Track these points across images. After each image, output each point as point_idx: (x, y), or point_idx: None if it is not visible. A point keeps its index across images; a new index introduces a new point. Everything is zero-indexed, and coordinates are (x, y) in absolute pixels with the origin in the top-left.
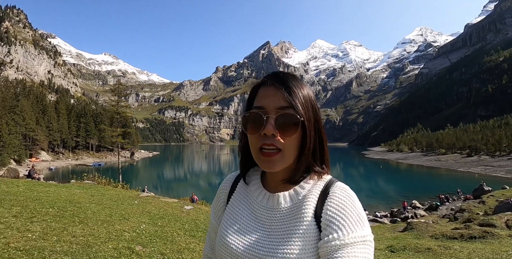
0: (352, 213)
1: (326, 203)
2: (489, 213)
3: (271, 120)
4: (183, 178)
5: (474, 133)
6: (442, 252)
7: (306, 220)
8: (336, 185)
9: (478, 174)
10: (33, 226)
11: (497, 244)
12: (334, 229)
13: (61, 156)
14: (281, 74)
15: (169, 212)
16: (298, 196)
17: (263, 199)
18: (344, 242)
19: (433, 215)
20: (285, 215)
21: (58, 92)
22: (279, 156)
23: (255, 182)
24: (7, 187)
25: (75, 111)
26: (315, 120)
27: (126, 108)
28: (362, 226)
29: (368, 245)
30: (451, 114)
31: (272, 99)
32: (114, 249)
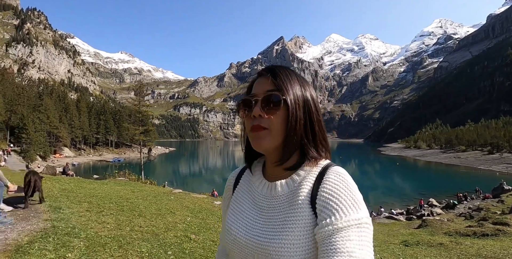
0: (346, 197)
1: (320, 188)
2: (506, 212)
3: (259, 102)
4: (200, 174)
5: (496, 129)
6: (453, 247)
7: (302, 206)
8: (330, 169)
9: (499, 172)
10: (106, 218)
11: (508, 241)
12: (328, 214)
13: (83, 152)
14: (272, 66)
15: (203, 206)
16: (294, 183)
17: (263, 188)
18: (337, 226)
19: (449, 213)
20: (282, 202)
21: (77, 91)
22: (266, 132)
23: (257, 172)
24: (60, 185)
25: (95, 109)
26: (304, 101)
27: (147, 107)
28: (356, 209)
29: (363, 227)
30: (472, 109)
31: (261, 86)
32: (175, 237)
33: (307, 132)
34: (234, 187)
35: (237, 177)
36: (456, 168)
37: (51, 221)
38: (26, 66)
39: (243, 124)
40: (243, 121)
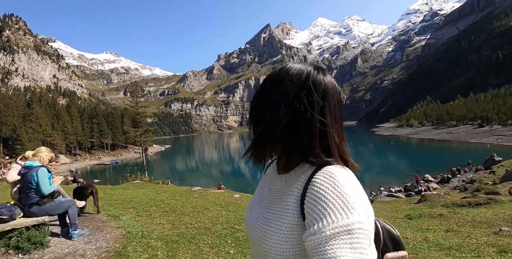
0: (333, 200)
1: (308, 190)
2: (497, 183)
3: None
4: (200, 169)
5: (485, 102)
6: (451, 217)
7: (288, 204)
8: (322, 170)
9: (490, 144)
10: (158, 220)
11: (499, 208)
12: (315, 218)
13: (79, 157)
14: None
15: (227, 201)
16: (291, 179)
17: (271, 180)
18: (325, 234)
19: (445, 187)
20: (277, 196)
21: (65, 96)
22: None
23: (275, 165)
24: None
25: (86, 113)
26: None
27: (145, 108)
28: (346, 214)
29: (356, 233)
30: (461, 84)
31: None
32: (223, 228)
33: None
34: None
35: (268, 165)
36: (449, 143)
37: (122, 228)
38: (10, 75)
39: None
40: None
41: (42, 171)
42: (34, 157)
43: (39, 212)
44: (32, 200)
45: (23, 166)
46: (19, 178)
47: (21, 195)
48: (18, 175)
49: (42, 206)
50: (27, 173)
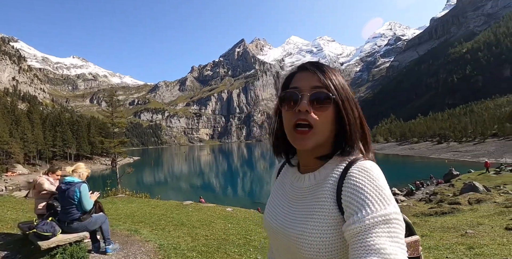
0: (371, 192)
1: (344, 183)
2: (457, 194)
3: (305, 98)
4: (173, 182)
5: (442, 121)
6: (423, 224)
7: (324, 200)
8: (356, 164)
9: (447, 159)
10: (175, 233)
11: (461, 216)
12: (354, 210)
13: (39, 168)
14: (313, 62)
15: (222, 214)
16: (320, 176)
17: (294, 179)
18: (364, 223)
19: (411, 199)
20: (307, 194)
21: (25, 100)
22: (311, 133)
23: (294, 164)
24: None
25: (49, 120)
26: (348, 100)
27: (120, 118)
28: (384, 205)
29: (393, 223)
30: (421, 104)
31: (307, 81)
32: (238, 239)
33: (352, 129)
34: (277, 176)
35: (279, 168)
36: (411, 158)
37: (151, 242)
38: None
39: (276, 118)
40: (276, 115)
41: (84, 187)
42: (73, 173)
43: (80, 227)
44: (73, 216)
45: (64, 182)
46: (52, 189)
47: (51, 210)
48: (59, 190)
49: (82, 221)
50: (68, 189)
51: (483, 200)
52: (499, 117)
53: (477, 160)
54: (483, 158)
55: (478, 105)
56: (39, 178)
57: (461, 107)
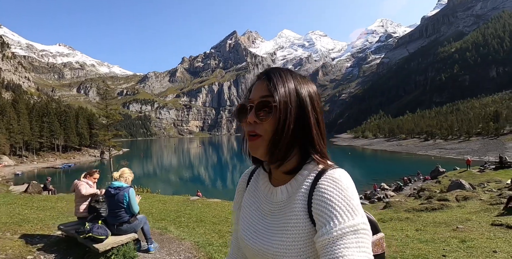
0: (340, 203)
1: (314, 195)
2: (444, 191)
3: (253, 109)
4: (164, 175)
5: (430, 118)
6: (416, 219)
7: (297, 212)
8: (325, 175)
9: (434, 156)
10: (200, 230)
11: (450, 212)
12: (323, 222)
13: (25, 160)
14: (269, 69)
15: (231, 209)
16: (292, 189)
17: (267, 192)
18: (333, 234)
19: (400, 195)
20: (281, 208)
21: (9, 89)
22: (260, 141)
23: (264, 176)
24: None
25: (36, 110)
26: (298, 105)
27: (115, 111)
28: (352, 215)
29: (361, 233)
30: (409, 101)
31: (257, 91)
32: None
33: (301, 136)
34: (245, 190)
35: (249, 175)
36: (399, 154)
37: (186, 240)
38: None
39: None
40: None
41: (132, 192)
42: (120, 178)
43: (129, 229)
44: (123, 219)
45: (112, 187)
46: (91, 193)
47: (94, 213)
48: (107, 195)
49: (131, 223)
50: (118, 193)
51: (470, 198)
52: (484, 116)
53: (461, 157)
54: (468, 155)
55: (464, 104)
56: (78, 182)
57: (448, 105)
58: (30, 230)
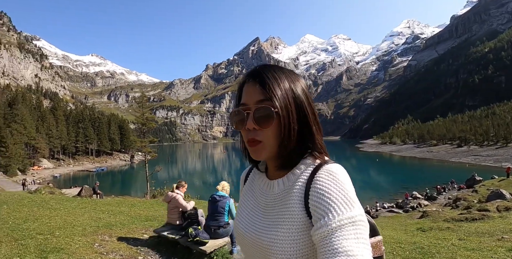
0: (337, 196)
1: (311, 188)
2: (482, 201)
3: (251, 115)
4: (192, 179)
5: (462, 123)
6: (458, 229)
7: (293, 205)
8: (322, 168)
9: (468, 163)
10: None
11: (492, 222)
12: (321, 214)
13: (62, 163)
14: (259, 69)
15: None
16: (289, 182)
17: (263, 185)
18: (332, 226)
19: (434, 204)
20: (277, 200)
21: (47, 97)
22: (261, 147)
23: (261, 171)
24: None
25: (72, 117)
26: (297, 106)
27: (152, 119)
28: (349, 207)
29: (358, 225)
30: (439, 105)
31: (251, 95)
32: None
33: (304, 136)
34: (244, 183)
35: (246, 175)
36: (429, 161)
37: None
38: None
39: (240, 134)
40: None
41: (232, 201)
42: (222, 189)
43: (224, 233)
44: (220, 223)
45: (217, 194)
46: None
47: (188, 220)
48: (212, 200)
49: (225, 228)
50: (221, 200)
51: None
52: None
53: (499, 165)
54: (507, 163)
55: (500, 107)
56: (176, 195)
57: (483, 109)
58: (121, 233)
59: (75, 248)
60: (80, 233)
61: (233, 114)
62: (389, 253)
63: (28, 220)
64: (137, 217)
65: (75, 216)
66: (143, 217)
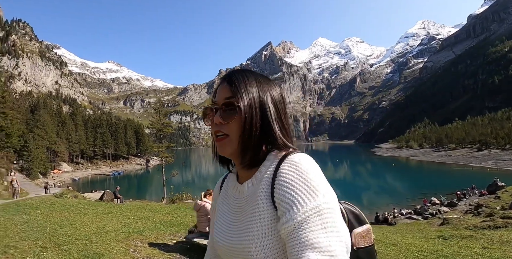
0: (299, 186)
1: (275, 181)
2: (505, 208)
3: (219, 111)
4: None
5: (482, 126)
6: (480, 237)
7: (261, 202)
8: (286, 160)
9: (489, 168)
10: None
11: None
12: (285, 207)
13: (81, 166)
14: (230, 71)
15: None
16: (257, 181)
17: (235, 190)
18: (297, 219)
19: (455, 211)
20: (248, 202)
21: (66, 102)
22: (227, 140)
23: (233, 176)
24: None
25: (91, 122)
26: (260, 103)
27: (168, 125)
28: (313, 197)
29: (325, 213)
30: (458, 107)
31: (221, 93)
32: None
33: (265, 132)
34: (219, 192)
35: (221, 182)
36: (448, 165)
37: None
38: (12, 78)
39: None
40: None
41: None
42: None
43: None
44: None
45: None
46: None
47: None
48: None
49: None
50: None
51: None
52: None
53: None
54: None
55: None
56: (205, 203)
57: (504, 111)
58: (151, 239)
59: (113, 254)
60: (114, 239)
61: (203, 111)
62: None
63: (63, 225)
64: (163, 222)
65: (105, 222)
66: (168, 222)
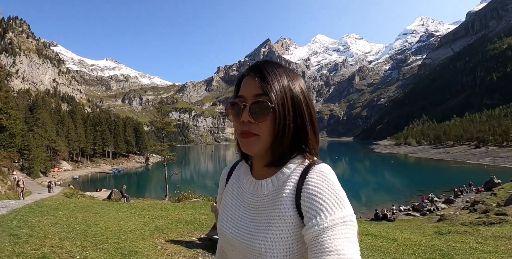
0: (329, 196)
1: (303, 188)
2: (501, 204)
3: (247, 108)
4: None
5: (480, 123)
6: (475, 233)
7: (284, 206)
8: (314, 168)
9: (487, 165)
10: None
11: (510, 227)
12: (313, 214)
13: (81, 165)
14: (260, 64)
15: None
16: (278, 181)
17: (250, 185)
18: (323, 226)
19: (452, 207)
20: (267, 201)
21: (64, 100)
22: (255, 138)
23: (246, 170)
24: (188, 214)
25: (90, 120)
26: (294, 103)
27: (169, 123)
28: (341, 208)
29: (349, 225)
30: (456, 104)
31: (249, 88)
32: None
33: (298, 134)
34: (227, 182)
35: (229, 172)
36: (446, 163)
37: None
38: (10, 76)
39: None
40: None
41: None
42: None
43: None
44: None
45: None
46: None
47: None
48: None
49: None
50: None
51: None
52: None
53: None
54: None
55: None
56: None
57: (501, 108)
58: (172, 237)
59: (146, 251)
60: (140, 237)
61: (229, 106)
62: (411, 255)
63: (89, 225)
64: (177, 221)
65: (124, 221)
66: (183, 221)
